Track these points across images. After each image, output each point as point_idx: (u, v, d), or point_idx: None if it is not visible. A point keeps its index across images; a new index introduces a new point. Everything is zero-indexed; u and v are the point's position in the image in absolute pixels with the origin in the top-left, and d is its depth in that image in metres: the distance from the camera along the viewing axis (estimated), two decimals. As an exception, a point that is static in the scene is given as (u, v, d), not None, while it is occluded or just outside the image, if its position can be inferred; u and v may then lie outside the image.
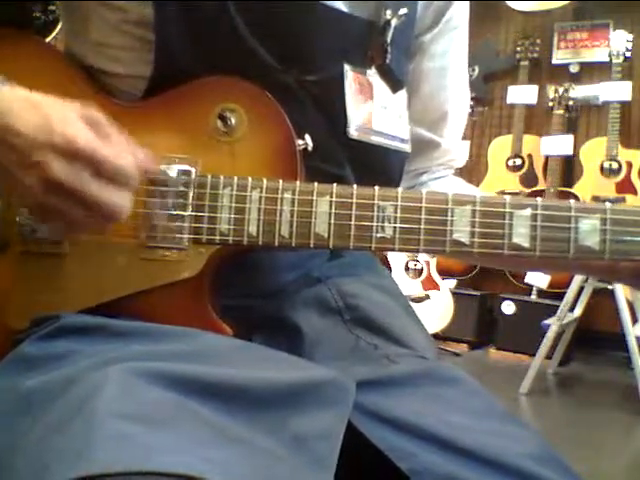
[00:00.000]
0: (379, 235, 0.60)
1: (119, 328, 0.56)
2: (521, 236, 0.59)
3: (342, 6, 0.70)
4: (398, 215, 0.60)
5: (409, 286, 3.73)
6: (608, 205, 0.59)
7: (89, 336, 0.55)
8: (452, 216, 0.60)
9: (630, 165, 3.74)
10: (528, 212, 0.59)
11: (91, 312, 0.60)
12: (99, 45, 0.68)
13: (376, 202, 0.60)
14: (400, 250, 0.60)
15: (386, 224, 0.60)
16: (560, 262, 0.66)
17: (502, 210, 0.60)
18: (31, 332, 0.58)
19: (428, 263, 3.78)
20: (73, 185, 0.53)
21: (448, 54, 0.83)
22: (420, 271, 3.79)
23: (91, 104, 0.54)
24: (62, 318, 0.57)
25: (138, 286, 0.61)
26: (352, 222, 0.60)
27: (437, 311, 3.70)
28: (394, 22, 0.71)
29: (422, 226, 0.60)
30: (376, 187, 0.60)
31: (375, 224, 0.60)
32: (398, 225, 0.60)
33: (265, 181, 0.61)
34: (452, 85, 0.84)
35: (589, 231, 0.59)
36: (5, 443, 0.46)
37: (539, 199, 0.60)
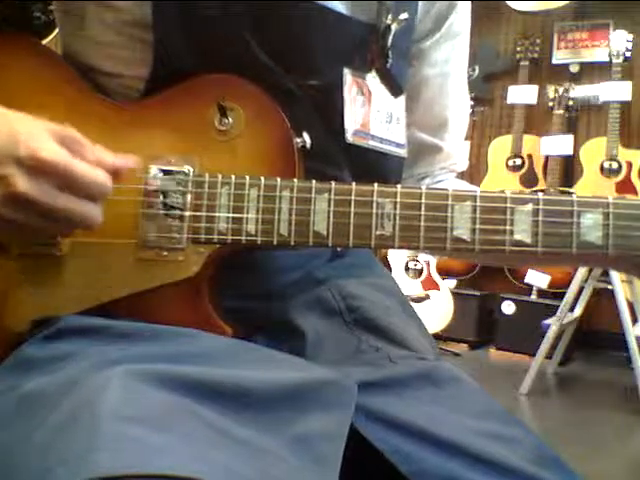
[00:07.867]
0: (379, 232, 0.59)
1: (120, 329, 0.56)
2: (523, 232, 0.59)
3: (343, 9, 0.70)
4: (397, 212, 0.59)
5: (409, 286, 3.73)
6: (610, 199, 0.58)
7: (90, 337, 0.55)
8: (452, 213, 0.59)
9: (630, 165, 3.74)
10: (529, 207, 0.59)
11: (90, 313, 0.60)
12: (95, 44, 0.68)
13: (375, 199, 0.59)
14: (400, 247, 0.59)
15: (385, 221, 0.59)
16: (561, 256, 0.66)
17: (503, 205, 0.59)
18: (32, 334, 0.58)
19: (428, 263, 3.77)
20: (38, 198, 0.52)
21: (450, 61, 0.82)
22: (420, 271, 3.79)
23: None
24: (63, 319, 0.57)
25: (137, 286, 0.61)
26: (351, 220, 0.60)
27: (437, 311, 3.70)
28: (394, 27, 0.71)
29: (422, 223, 0.59)
30: (375, 184, 0.60)
31: (374, 221, 0.59)
32: (398, 222, 0.59)
33: (263, 179, 0.60)
34: (453, 91, 0.84)
35: (591, 226, 0.58)
36: (7, 445, 0.46)
37: (540, 194, 0.59)
